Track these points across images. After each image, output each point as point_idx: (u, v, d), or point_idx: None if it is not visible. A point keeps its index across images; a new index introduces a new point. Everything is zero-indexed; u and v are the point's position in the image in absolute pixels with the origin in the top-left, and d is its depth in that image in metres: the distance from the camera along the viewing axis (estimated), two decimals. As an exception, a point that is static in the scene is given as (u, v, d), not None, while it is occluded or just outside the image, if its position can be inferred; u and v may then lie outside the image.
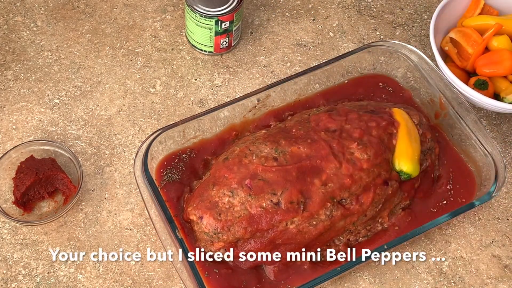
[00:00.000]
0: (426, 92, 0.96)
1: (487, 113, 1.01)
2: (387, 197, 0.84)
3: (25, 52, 1.02)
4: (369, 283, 0.86)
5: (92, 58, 1.02)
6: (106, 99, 0.98)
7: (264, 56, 1.04)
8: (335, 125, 0.85)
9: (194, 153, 0.90)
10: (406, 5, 1.11)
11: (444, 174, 0.91)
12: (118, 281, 0.84)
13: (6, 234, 0.87)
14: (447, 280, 0.87)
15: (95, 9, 1.07)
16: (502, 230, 0.91)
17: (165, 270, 0.85)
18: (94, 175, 0.91)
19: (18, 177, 0.87)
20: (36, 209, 0.88)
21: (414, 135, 0.87)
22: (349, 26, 1.08)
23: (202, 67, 1.02)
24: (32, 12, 1.06)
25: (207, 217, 0.80)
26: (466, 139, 0.91)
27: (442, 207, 0.89)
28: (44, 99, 0.97)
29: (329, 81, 0.97)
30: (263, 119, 0.93)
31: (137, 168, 0.84)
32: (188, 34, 1.02)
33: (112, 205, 0.89)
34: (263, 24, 1.08)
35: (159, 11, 1.08)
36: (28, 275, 0.84)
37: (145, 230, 0.88)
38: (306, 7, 1.10)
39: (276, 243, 0.80)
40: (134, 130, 0.96)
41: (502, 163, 0.86)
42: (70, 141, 0.94)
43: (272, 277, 0.82)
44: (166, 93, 0.99)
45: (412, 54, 0.96)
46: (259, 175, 0.80)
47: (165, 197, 0.85)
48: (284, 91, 0.94)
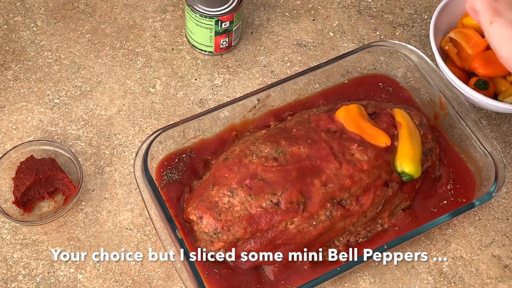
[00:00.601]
0: (426, 92, 0.96)
1: (487, 113, 1.01)
2: (388, 198, 0.84)
3: (25, 52, 1.02)
4: (369, 283, 0.86)
5: (92, 58, 1.02)
6: (106, 99, 0.98)
7: (264, 56, 1.04)
8: (336, 125, 0.85)
9: (194, 153, 0.90)
10: (406, 5, 1.11)
11: (444, 174, 0.91)
12: (118, 281, 0.84)
13: (6, 234, 0.87)
14: (447, 280, 0.87)
15: (95, 9, 1.07)
16: (502, 230, 0.91)
17: (165, 270, 0.85)
18: (94, 175, 0.91)
19: (18, 177, 0.87)
20: (36, 209, 0.88)
21: (415, 136, 0.87)
22: (349, 26, 1.08)
23: (202, 67, 1.02)
24: (32, 12, 1.06)
25: (207, 217, 0.80)
26: (466, 139, 0.91)
27: (442, 207, 0.89)
28: (44, 99, 0.97)
29: (329, 81, 0.97)
30: (263, 119, 0.93)
31: (137, 168, 0.84)
32: (188, 34, 1.02)
33: (112, 205, 0.89)
34: (263, 24, 1.08)
35: (159, 11, 1.08)
36: (28, 275, 0.84)
37: (145, 230, 0.88)
38: (306, 7, 1.10)
39: (276, 244, 0.80)
40: (134, 130, 0.96)
41: (502, 163, 0.86)
42: (70, 141, 0.94)
43: (272, 277, 0.82)
44: (166, 93, 0.99)
45: (412, 54, 0.96)
46: (259, 175, 0.80)
47: (165, 197, 0.85)
48: (284, 91, 0.94)
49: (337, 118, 0.85)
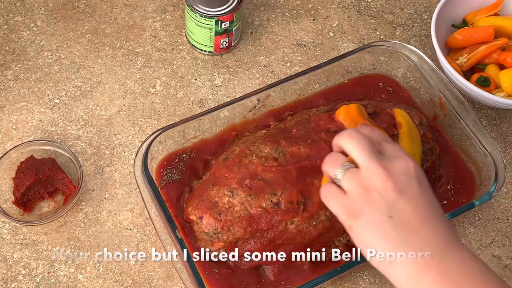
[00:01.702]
0: (426, 92, 0.96)
1: (487, 113, 1.01)
2: (388, 197, 0.84)
3: (25, 52, 1.02)
4: (369, 283, 0.86)
5: (92, 58, 1.02)
6: (106, 99, 0.98)
7: (264, 56, 1.04)
8: (336, 125, 0.85)
9: (194, 153, 0.90)
10: (406, 5, 1.11)
11: (444, 174, 0.91)
12: (118, 281, 0.84)
13: (6, 234, 0.87)
14: (447, 280, 0.86)
15: (95, 9, 1.07)
16: (502, 230, 0.91)
17: (165, 270, 0.85)
18: (94, 175, 0.91)
19: (18, 177, 0.87)
20: (36, 209, 0.88)
21: (415, 135, 0.87)
22: (349, 26, 1.08)
23: (202, 67, 1.02)
24: (32, 12, 1.06)
25: (207, 217, 0.80)
26: (466, 139, 0.91)
27: (442, 207, 0.88)
28: (44, 99, 0.97)
29: (329, 81, 0.97)
30: (263, 119, 0.93)
31: (137, 168, 0.84)
32: (188, 34, 1.02)
33: (112, 205, 0.89)
34: (263, 24, 1.08)
35: (159, 11, 1.08)
36: (28, 275, 0.84)
37: (145, 230, 0.88)
38: (306, 7, 1.10)
39: (276, 244, 0.80)
40: (134, 130, 0.96)
41: (502, 163, 0.86)
42: (70, 141, 0.94)
43: (272, 277, 0.82)
44: (166, 93, 0.99)
45: (412, 54, 0.96)
46: (259, 175, 0.80)
47: (165, 197, 0.85)
48: (284, 91, 0.94)
49: (337, 118, 0.85)
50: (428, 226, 0.62)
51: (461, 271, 0.60)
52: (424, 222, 0.62)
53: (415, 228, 0.61)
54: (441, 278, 0.59)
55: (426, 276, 0.60)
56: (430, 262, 0.60)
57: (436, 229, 0.62)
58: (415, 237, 0.61)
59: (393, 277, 0.62)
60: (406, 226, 0.61)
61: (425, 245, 0.61)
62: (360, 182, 0.63)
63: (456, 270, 0.60)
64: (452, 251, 0.61)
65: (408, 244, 0.61)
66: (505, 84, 0.92)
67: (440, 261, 0.60)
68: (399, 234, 0.61)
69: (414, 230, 0.61)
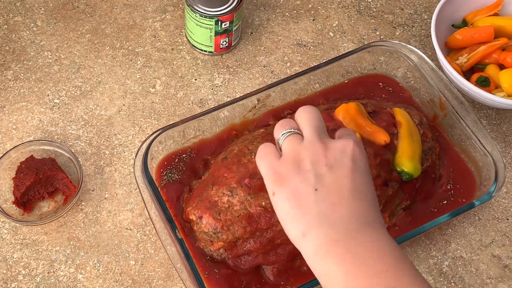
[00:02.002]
0: (426, 92, 0.96)
1: (487, 113, 1.01)
2: (388, 198, 0.83)
3: (25, 52, 1.02)
4: (369, 283, 0.86)
5: (92, 58, 1.02)
6: (106, 99, 0.98)
7: (264, 56, 1.04)
8: (335, 123, 0.85)
9: (194, 153, 0.90)
10: (406, 5, 1.11)
11: (444, 174, 0.91)
12: (118, 281, 0.84)
13: (6, 234, 0.87)
14: (447, 280, 0.86)
15: (95, 9, 1.07)
16: (502, 230, 0.91)
17: (165, 270, 0.85)
18: (94, 175, 0.91)
19: (18, 177, 0.87)
20: (36, 209, 0.88)
21: (415, 135, 0.87)
22: (349, 26, 1.08)
23: (202, 67, 1.02)
24: (32, 12, 1.06)
25: (206, 217, 0.80)
26: (466, 139, 0.91)
27: (442, 207, 0.89)
28: (44, 99, 0.97)
29: (329, 81, 0.97)
30: (263, 119, 0.93)
31: (137, 168, 0.84)
32: (188, 34, 1.02)
33: (112, 205, 0.89)
34: (263, 24, 1.08)
35: (159, 11, 1.08)
36: (28, 275, 0.84)
37: (145, 230, 0.88)
38: (306, 7, 1.10)
39: (276, 243, 0.80)
40: (134, 130, 0.96)
41: (502, 163, 0.86)
42: (70, 141, 0.94)
43: (272, 277, 0.82)
44: (166, 93, 0.99)
45: (412, 54, 0.96)
46: (258, 174, 0.80)
47: (165, 197, 0.85)
48: (284, 91, 0.94)
49: (336, 116, 0.85)
50: (349, 204, 0.61)
51: (371, 250, 0.59)
52: (346, 199, 0.61)
53: (336, 204, 0.61)
54: (348, 255, 0.59)
55: (334, 251, 0.59)
56: (341, 238, 0.59)
57: (356, 209, 0.61)
58: (334, 213, 0.60)
59: (303, 250, 0.61)
60: (327, 200, 0.61)
61: (342, 222, 0.60)
62: (297, 150, 0.63)
63: (366, 249, 0.59)
64: (367, 230, 0.60)
65: (326, 219, 0.60)
66: (505, 84, 0.92)
67: (352, 239, 0.59)
68: (319, 208, 0.61)
69: (334, 206, 0.61)
